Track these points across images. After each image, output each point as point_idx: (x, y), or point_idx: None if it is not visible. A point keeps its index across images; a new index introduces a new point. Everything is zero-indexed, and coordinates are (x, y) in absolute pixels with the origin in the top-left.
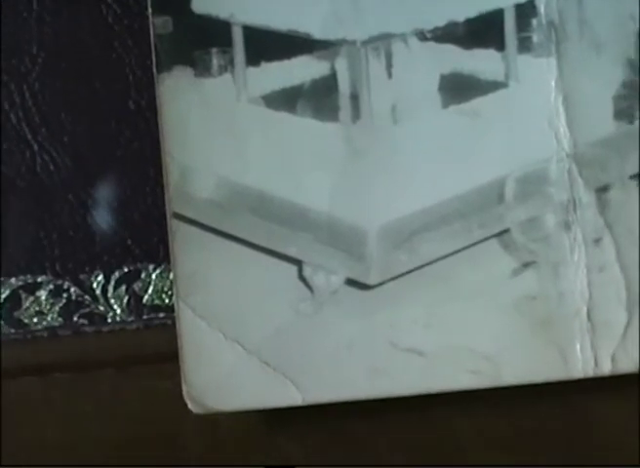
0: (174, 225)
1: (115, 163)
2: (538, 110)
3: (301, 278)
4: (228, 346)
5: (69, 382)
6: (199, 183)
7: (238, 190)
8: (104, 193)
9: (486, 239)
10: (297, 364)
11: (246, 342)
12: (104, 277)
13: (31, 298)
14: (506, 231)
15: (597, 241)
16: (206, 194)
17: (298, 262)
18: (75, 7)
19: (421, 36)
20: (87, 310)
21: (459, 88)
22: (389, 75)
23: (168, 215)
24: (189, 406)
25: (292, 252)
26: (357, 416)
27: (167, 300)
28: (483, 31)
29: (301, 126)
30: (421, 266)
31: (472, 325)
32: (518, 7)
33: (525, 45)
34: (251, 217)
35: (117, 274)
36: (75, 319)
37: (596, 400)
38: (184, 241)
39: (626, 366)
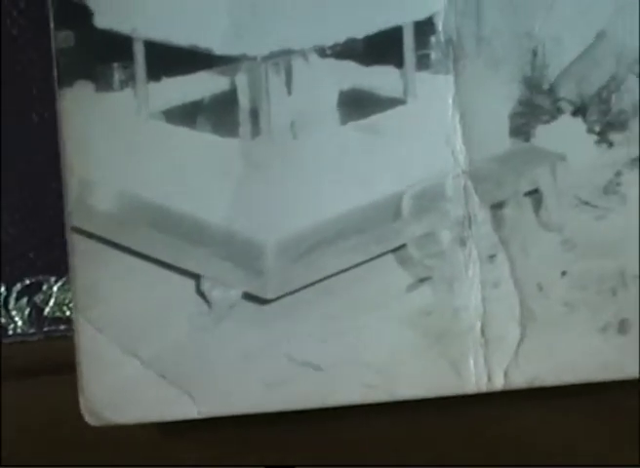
0: (73, 239)
1: (18, 175)
2: (435, 127)
3: (199, 292)
4: (126, 359)
5: None
6: (99, 197)
7: (138, 204)
8: (6, 205)
9: (382, 254)
10: (193, 377)
11: (143, 355)
12: (6, 289)
13: None
14: (403, 246)
15: (492, 257)
16: (105, 208)
17: (196, 276)
18: None
19: (321, 52)
20: None
21: (357, 104)
22: (289, 91)
23: (67, 229)
24: (86, 418)
25: (190, 266)
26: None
27: (68, 313)
28: (382, 48)
29: (201, 141)
30: (319, 280)
31: (368, 339)
32: (417, 24)
33: (423, 62)
34: (150, 231)
35: (19, 286)
36: None
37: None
38: (84, 254)
39: (518, 381)
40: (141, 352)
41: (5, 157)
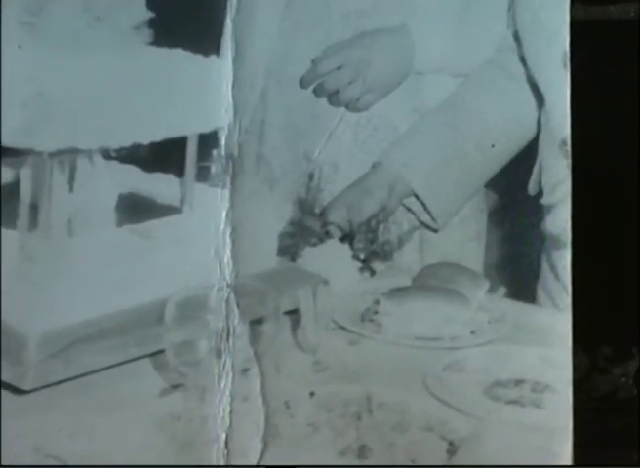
0: None
1: None
2: (206, 238)
3: None
4: None
5: None
6: None
7: None
8: None
9: (141, 357)
10: None
11: None
12: None
13: None
14: (161, 352)
15: (245, 371)
16: None
17: None
18: None
19: (107, 154)
20: None
21: (135, 208)
22: (71, 189)
23: None
24: None
25: None
26: None
27: None
28: (166, 156)
29: None
30: (76, 376)
31: (117, 438)
32: (202, 137)
33: (203, 174)
34: None
35: None
36: None
37: None
38: None
39: None
40: None
41: None
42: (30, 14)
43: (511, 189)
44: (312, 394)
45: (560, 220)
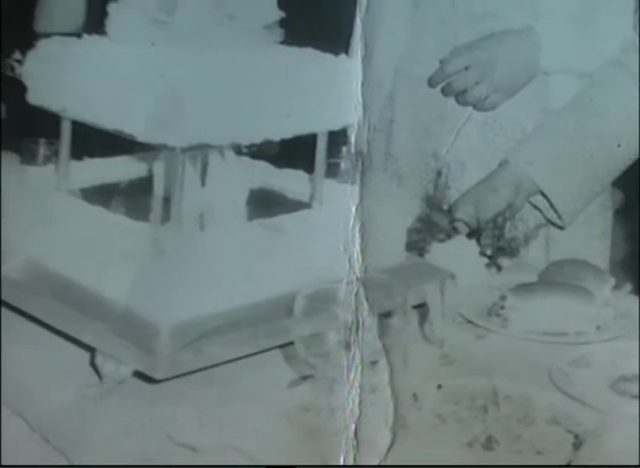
0: None
1: None
2: (336, 233)
3: (93, 364)
4: (14, 421)
5: None
6: (8, 264)
7: (44, 274)
8: None
9: (270, 348)
10: (75, 444)
11: (31, 419)
12: None
13: None
14: (291, 343)
15: (373, 363)
16: (13, 275)
17: (91, 349)
18: None
19: (238, 150)
20: None
21: (265, 203)
22: (203, 183)
23: None
24: None
25: (87, 338)
26: None
27: None
28: (295, 153)
29: (113, 221)
30: (207, 367)
31: (245, 428)
32: (331, 134)
33: (332, 170)
34: (52, 301)
35: None
36: None
37: None
38: None
39: None
40: (29, 415)
41: None
42: (164, 12)
43: (637, 187)
44: (440, 386)
45: None
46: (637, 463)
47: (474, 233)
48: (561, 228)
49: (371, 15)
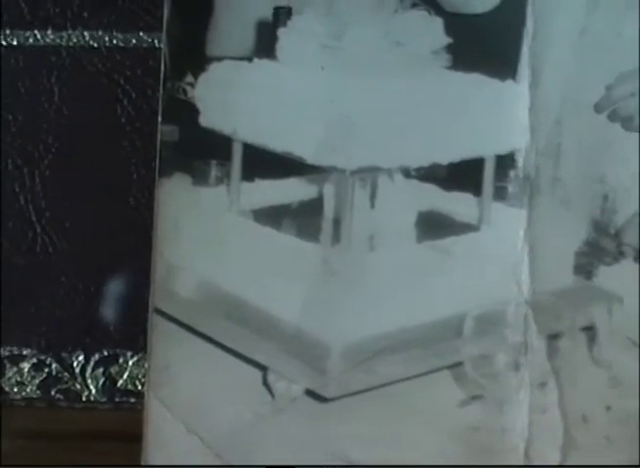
0: (154, 319)
1: (108, 253)
2: (504, 256)
3: (265, 383)
4: (188, 437)
5: (36, 449)
6: (182, 283)
7: (217, 294)
8: (95, 280)
9: (440, 368)
10: (247, 461)
11: (205, 436)
12: (85, 357)
13: (15, 369)
14: (460, 364)
15: (542, 384)
16: (187, 294)
17: (263, 368)
18: (93, 104)
19: (406, 173)
20: (64, 386)
21: (434, 225)
22: (372, 205)
23: (150, 309)
24: None
25: (259, 357)
26: None
27: (140, 387)
28: (463, 176)
29: (284, 242)
30: (378, 386)
31: (414, 447)
32: (498, 158)
33: (500, 194)
34: (225, 321)
35: (97, 356)
36: (52, 393)
37: None
38: (162, 335)
39: None
40: (203, 432)
41: (100, 235)
42: (333, 38)
43: None
44: (608, 408)
45: None
46: (637, 463)
47: None
48: None
49: (538, 41)
